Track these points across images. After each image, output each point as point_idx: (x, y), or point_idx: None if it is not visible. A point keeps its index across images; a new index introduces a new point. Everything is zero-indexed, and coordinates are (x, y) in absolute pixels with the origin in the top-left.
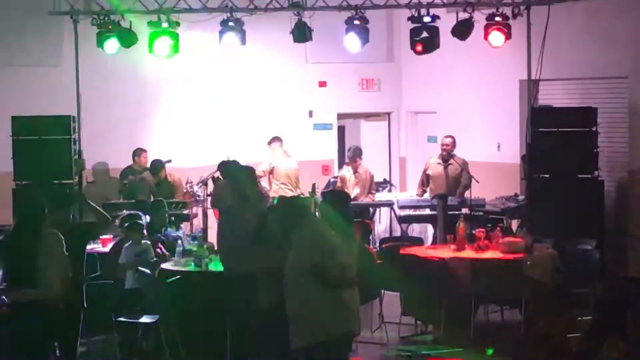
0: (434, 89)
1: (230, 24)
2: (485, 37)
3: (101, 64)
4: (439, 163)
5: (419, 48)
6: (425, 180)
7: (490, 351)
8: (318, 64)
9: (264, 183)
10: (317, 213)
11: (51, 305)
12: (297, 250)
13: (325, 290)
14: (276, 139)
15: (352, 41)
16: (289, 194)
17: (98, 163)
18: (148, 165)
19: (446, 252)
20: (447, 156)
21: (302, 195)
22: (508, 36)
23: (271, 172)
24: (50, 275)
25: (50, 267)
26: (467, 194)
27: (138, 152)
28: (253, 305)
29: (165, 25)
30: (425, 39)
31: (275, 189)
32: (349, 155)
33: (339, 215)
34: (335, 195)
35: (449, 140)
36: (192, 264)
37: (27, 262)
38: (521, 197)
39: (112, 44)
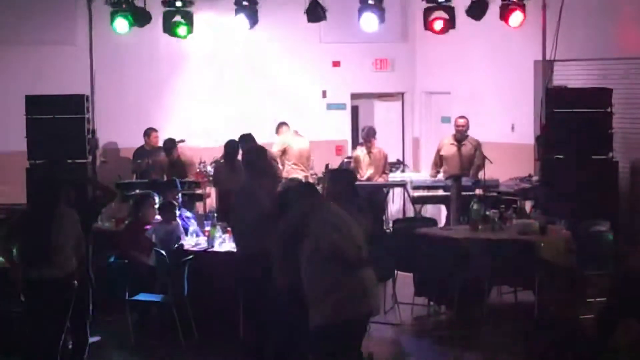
0: (448, 69)
1: (245, 3)
2: (501, 17)
3: (115, 43)
4: (452, 144)
5: (437, 27)
6: (439, 161)
7: None
8: (332, 44)
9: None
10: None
11: (66, 283)
12: (315, 233)
13: (345, 270)
14: (282, 124)
15: (368, 21)
16: (301, 174)
17: (111, 142)
18: (159, 144)
19: (460, 233)
20: (460, 137)
21: (314, 176)
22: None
23: (283, 152)
24: (66, 254)
25: (66, 245)
26: (480, 175)
27: (148, 132)
28: (267, 285)
29: (179, 4)
30: (440, 19)
31: (288, 170)
32: (363, 135)
33: (344, 193)
34: (340, 173)
35: (463, 121)
36: (205, 243)
37: (42, 241)
38: (535, 178)
39: (121, 23)
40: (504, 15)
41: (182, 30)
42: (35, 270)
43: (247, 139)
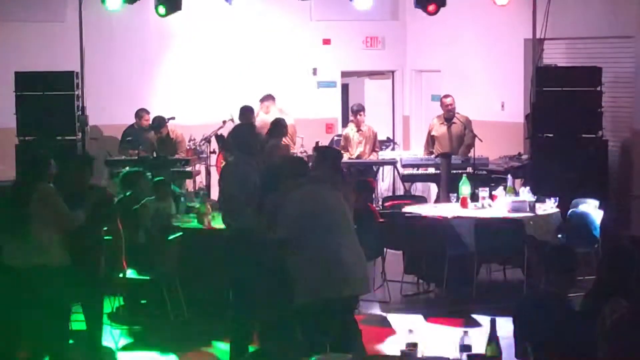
0: (439, 48)
1: None
2: None
3: (105, 20)
4: (442, 123)
5: (432, 7)
6: (431, 142)
7: None
8: (322, 22)
9: None
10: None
11: (49, 263)
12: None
13: (304, 251)
14: (269, 96)
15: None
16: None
17: (101, 119)
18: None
19: (449, 211)
20: (449, 116)
21: (304, 154)
22: None
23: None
24: (42, 231)
25: (40, 222)
26: (470, 153)
27: (140, 114)
28: (255, 263)
29: None
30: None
31: None
32: (353, 109)
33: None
34: (327, 152)
35: (449, 99)
36: (195, 221)
37: (19, 216)
38: (525, 157)
39: (113, 0)
40: None
41: (160, 9)
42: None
43: (244, 111)
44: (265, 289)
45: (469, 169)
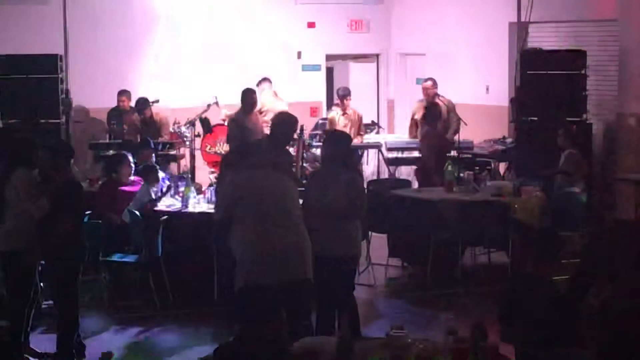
0: (423, 31)
1: None
2: None
3: (89, 2)
4: (425, 107)
5: None
6: (414, 126)
7: None
8: (307, 5)
9: None
10: (305, 154)
11: (19, 249)
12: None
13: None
14: (265, 80)
15: None
16: None
17: (85, 102)
18: (132, 106)
19: (434, 194)
20: (430, 99)
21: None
22: None
23: (261, 114)
24: (13, 217)
25: (13, 207)
26: (455, 137)
27: (122, 94)
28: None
29: None
30: None
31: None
32: (339, 93)
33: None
34: (338, 136)
35: (429, 83)
36: (179, 204)
37: None
38: (509, 140)
39: None
40: None
41: None
42: None
43: (248, 93)
44: None
45: (454, 153)
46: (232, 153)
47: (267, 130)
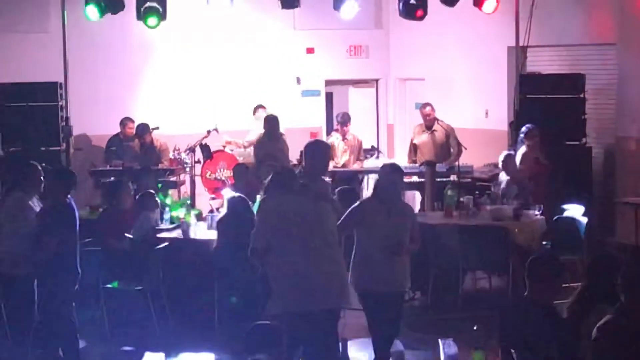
0: (422, 56)
1: None
2: (475, 3)
3: (88, 30)
4: (423, 131)
5: (420, 12)
6: (413, 150)
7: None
8: (306, 31)
9: (250, 151)
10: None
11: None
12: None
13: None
14: (260, 106)
15: (347, 9)
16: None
17: (85, 130)
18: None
19: (434, 219)
20: (429, 124)
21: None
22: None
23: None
24: (6, 239)
25: (6, 230)
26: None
27: (124, 122)
28: (243, 274)
29: None
30: (414, 5)
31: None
32: (339, 120)
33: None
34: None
35: (429, 109)
36: (180, 231)
37: None
38: None
39: (92, 10)
40: (478, 1)
41: (151, 21)
42: None
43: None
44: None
45: (454, 177)
46: (272, 181)
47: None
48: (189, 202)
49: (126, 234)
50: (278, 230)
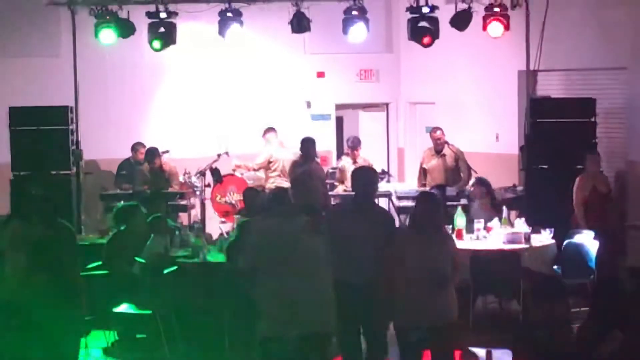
0: (433, 80)
1: (228, 14)
2: (484, 28)
3: (99, 54)
4: (433, 155)
5: (427, 40)
6: (423, 174)
7: None
8: (316, 55)
9: (260, 174)
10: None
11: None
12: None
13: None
14: (270, 130)
15: (355, 32)
16: (285, 184)
17: (95, 154)
18: None
19: None
20: (439, 148)
21: None
22: (507, 27)
23: (268, 163)
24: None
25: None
26: (466, 186)
27: (136, 147)
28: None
29: (163, 15)
30: (424, 30)
31: (271, 181)
32: (349, 144)
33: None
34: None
35: (438, 133)
36: (190, 255)
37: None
38: (520, 188)
39: (108, 35)
40: (486, 26)
41: (156, 44)
42: None
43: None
44: None
45: (464, 201)
46: (268, 200)
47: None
48: (199, 226)
49: (136, 258)
50: (261, 252)
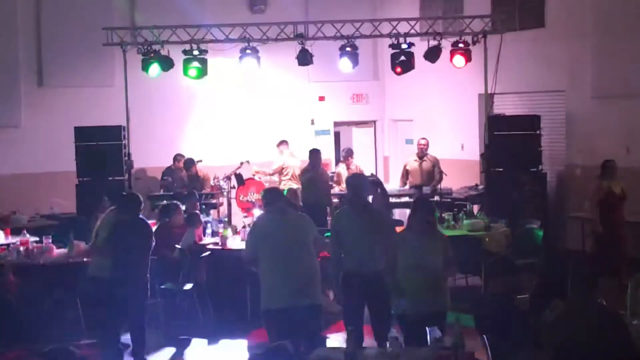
0: (411, 101)
1: (248, 51)
2: (451, 60)
3: (145, 84)
4: (416, 160)
5: (399, 70)
6: (405, 175)
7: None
8: (318, 82)
9: (275, 178)
10: None
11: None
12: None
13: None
14: (283, 142)
15: (345, 64)
16: (295, 186)
17: (143, 163)
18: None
19: None
20: (422, 154)
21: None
22: (468, 59)
23: (282, 169)
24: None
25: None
26: (438, 186)
27: (178, 157)
28: None
29: (196, 52)
30: (403, 62)
31: (284, 184)
32: (343, 154)
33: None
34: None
35: (424, 141)
36: (219, 242)
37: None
38: (481, 187)
39: (154, 69)
40: (452, 58)
41: (192, 72)
42: None
43: (314, 152)
44: None
45: (437, 197)
46: (263, 200)
47: (284, 183)
48: (226, 219)
49: (176, 246)
50: (262, 242)
